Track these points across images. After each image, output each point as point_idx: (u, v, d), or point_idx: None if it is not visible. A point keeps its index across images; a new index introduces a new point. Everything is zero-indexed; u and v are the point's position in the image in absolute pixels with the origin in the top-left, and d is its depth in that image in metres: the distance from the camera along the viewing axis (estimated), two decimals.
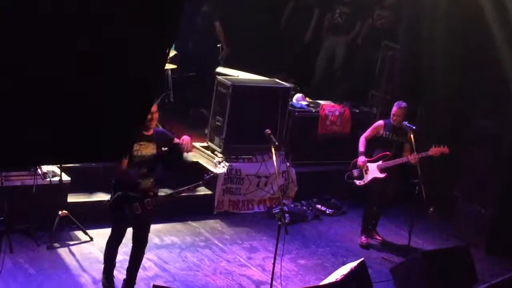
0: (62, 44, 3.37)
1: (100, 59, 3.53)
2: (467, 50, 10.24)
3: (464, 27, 10.34)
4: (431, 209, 10.48)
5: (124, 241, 7.01)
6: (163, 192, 7.28)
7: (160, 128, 6.93)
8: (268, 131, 7.62)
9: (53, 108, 3.58)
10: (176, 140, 7.05)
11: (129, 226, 6.93)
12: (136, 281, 7.13)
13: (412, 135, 8.76)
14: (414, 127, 8.83)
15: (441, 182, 10.12)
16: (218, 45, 11.49)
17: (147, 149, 6.71)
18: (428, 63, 10.65)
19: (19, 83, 3.29)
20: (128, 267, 7.10)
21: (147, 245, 7.64)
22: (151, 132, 6.76)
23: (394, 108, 8.95)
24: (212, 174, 7.37)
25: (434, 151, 8.87)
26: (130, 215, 6.67)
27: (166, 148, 6.97)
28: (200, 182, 7.14)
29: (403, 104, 8.93)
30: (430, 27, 10.66)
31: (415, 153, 8.70)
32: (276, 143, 7.65)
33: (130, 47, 3.56)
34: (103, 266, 7.11)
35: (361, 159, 9.03)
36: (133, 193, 6.65)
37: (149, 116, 6.56)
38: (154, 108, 6.70)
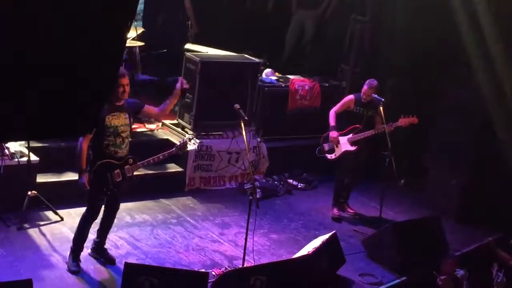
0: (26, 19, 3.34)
1: (63, 33, 3.49)
2: (437, 19, 10.21)
3: None
4: (402, 181, 10.54)
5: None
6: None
7: (131, 99, 7.05)
8: (237, 105, 7.59)
9: (19, 84, 3.54)
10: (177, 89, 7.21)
11: (107, 196, 7.01)
12: None
13: (381, 108, 8.78)
14: (383, 100, 8.83)
15: (412, 153, 10.17)
16: (188, 23, 11.38)
17: (120, 119, 6.87)
18: (396, 35, 10.65)
19: None
20: (99, 230, 7.26)
21: (119, 223, 7.66)
22: (122, 102, 6.90)
23: (365, 87, 8.91)
24: (182, 141, 7.45)
25: (402, 121, 8.92)
26: (111, 183, 6.85)
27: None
28: (173, 149, 7.31)
29: (375, 83, 8.90)
30: None
31: (385, 125, 8.74)
32: (246, 117, 7.64)
33: (91, 20, 3.52)
34: (71, 248, 7.06)
35: (333, 134, 9.04)
36: (114, 161, 6.86)
37: (121, 89, 6.76)
38: (126, 81, 6.81)
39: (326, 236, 7.72)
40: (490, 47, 9.04)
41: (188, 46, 10.68)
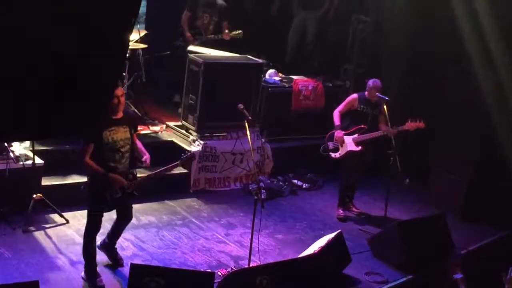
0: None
1: (65, 33, 3.50)
2: (438, 19, 10.22)
3: None
4: (407, 179, 10.49)
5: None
6: (140, 173, 7.24)
7: (131, 110, 6.87)
8: (241, 106, 7.61)
9: (21, 84, 3.55)
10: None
11: (108, 211, 6.91)
12: None
13: (385, 106, 8.77)
14: (387, 98, 8.83)
15: (416, 151, 10.15)
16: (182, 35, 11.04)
17: (118, 133, 6.68)
18: (398, 34, 10.65)
19: None
20: (109, 234, 7.20)
21: None
22: (120, 115, 6.71)
23: (369, 87, 8.91)
24: (188, 153, 7.36)
25: (409, 125, 8.90)
26: (110, 200, 6.71)
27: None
28: (178, 162, 7.17)
29: (378, 82, 8.91)
30: None
31: (389, 125, 8.73)
32: (250, 118, 7.65)
33: (93, 20, 3.53)
34: (84, 267, 6.90)
35: (339, 133, 9.04)
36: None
37: (115, 100, 6.54)
38: (120, 91, 6.65)
39: (332, 235, 7.72)
40: (491, 45, 9.06)
41: (191, 48, 10.67)
